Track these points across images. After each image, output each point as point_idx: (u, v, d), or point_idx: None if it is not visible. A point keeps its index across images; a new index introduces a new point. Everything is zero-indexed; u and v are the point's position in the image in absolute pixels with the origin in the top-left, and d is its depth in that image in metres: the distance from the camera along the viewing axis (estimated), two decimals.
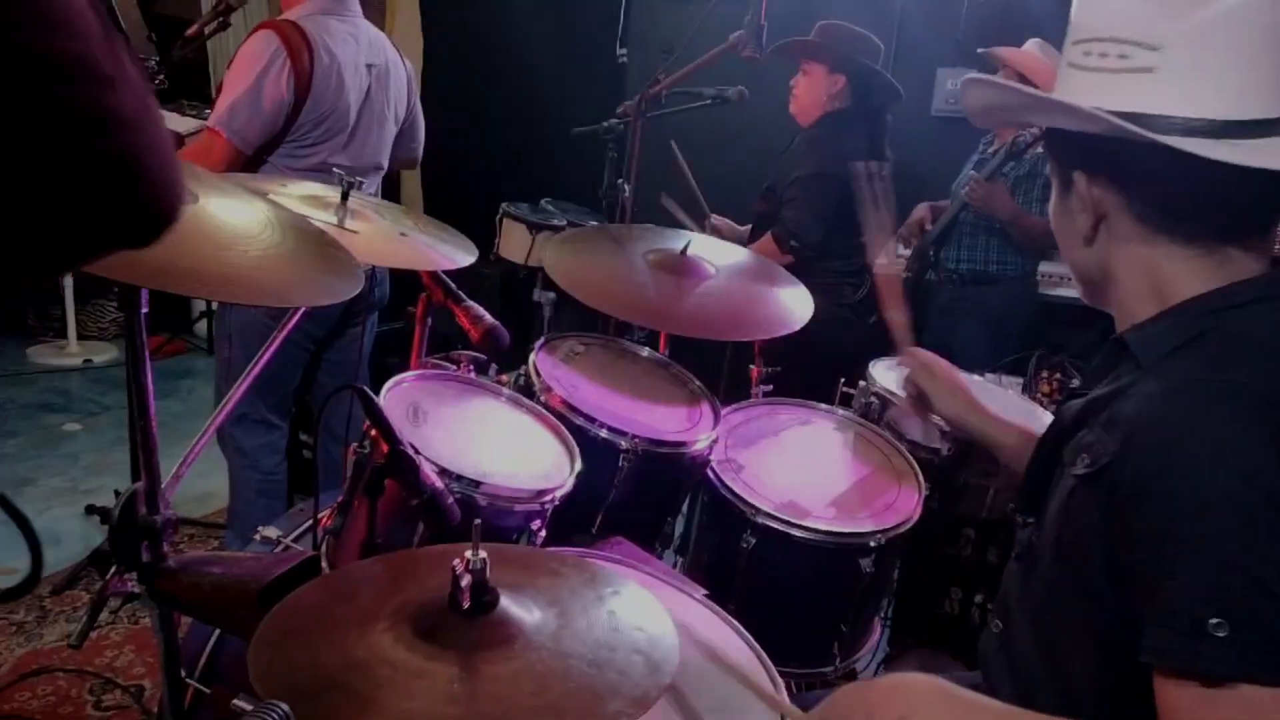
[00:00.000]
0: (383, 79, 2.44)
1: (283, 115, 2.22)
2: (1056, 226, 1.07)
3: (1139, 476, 0.86)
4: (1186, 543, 0.82)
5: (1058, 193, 1.05)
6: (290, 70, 2.18)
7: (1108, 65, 0.93)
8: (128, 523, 1.03)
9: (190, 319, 4.82)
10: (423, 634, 0.85)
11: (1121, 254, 1.00)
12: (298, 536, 1.56)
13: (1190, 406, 0.86)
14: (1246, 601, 0.78)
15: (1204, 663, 0.78)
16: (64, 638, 2.40)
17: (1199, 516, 0.81)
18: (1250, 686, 0.76)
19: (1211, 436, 0.83)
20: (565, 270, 1.75)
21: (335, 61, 2.27)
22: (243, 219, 1.16)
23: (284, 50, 2.18)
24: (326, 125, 2.30)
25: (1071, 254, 1.06)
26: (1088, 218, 1.00)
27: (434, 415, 1.45)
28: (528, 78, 4.35)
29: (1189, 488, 0.82)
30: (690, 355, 1.96)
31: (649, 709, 0.81)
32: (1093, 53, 0.95)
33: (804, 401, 1.93)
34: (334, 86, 2.28)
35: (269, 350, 1.42)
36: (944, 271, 2.98)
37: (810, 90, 2.85)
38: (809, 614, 1.66)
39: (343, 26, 2.33)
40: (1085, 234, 1.01)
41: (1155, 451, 0.86)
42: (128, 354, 1.03)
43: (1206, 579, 0.80)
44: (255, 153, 2.25)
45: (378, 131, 2.46)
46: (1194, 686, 0.78)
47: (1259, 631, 0.77)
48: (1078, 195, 1.00)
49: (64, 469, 3.30)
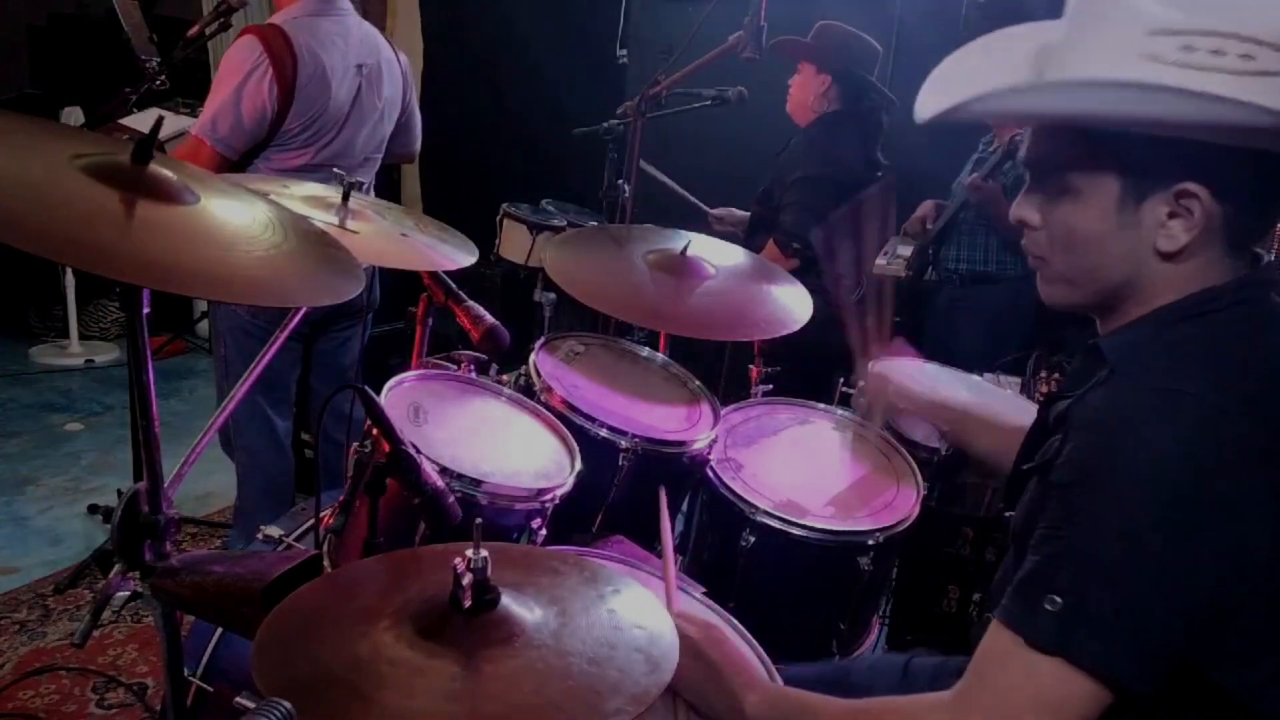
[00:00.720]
0: (374, 78, 2.42)
1: (266, 122, 2.22)
2: (1090, 238, 0.94)
3: (1069, 466, 0.89)
4: (1068, 527, 0.87)
5: (1113, 204, 0.92)
6: (272, 77, 2.18)
7: (1224, 65, 0.82)
8: (130, 522, 1.04)
9: (192, 319, 4.82)
10: (424, 632, 0.86)
11: (1186, 266, 0.92)
12: (300, 535, 1.57)
13: (1136, 409, 0.87)
14: (1086, 589, 0.84)
15: (1029, 629, 0.87)
16: (67, 636, 2.40)
17: (1091, 510, 0.86)
18: (1061, 662, 0.85)
19: (1142, 440, 0.85)
20: (565, 270, 1.76)
21: (320, 65, 2.25)
22: (244, 220, 1.17)
23: (266, 57, 2.17)
24: (315, 128, 2.30)
25: (1104, 269, 0.95)
26: (1189, 230, 0.89)
27: (435, 415, 1.46)
28: (528, 78, 4.35)
29: (1099, 483, 0.86)
30: (690, 355, 1.96)
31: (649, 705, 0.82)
32: (1198, 47, 0.83)
33: (803, 401, 1.93)
34: (320, 90, 2.27)
35: (271, 350, 1.43)
36: (943, 271, 2.98)
37: (801, 89, 2.87)
38: (808, 612, 1.67)
39: (331, 28, 2.32)
40: (1171, 249, 0.90)
41: (1088, 446, 0.88)
42: (129, 354, 1.03)
43: (1064, 559, 0.86)
44: (240, 159, 2.26)
45: (369, 130, 2.45)
46: (1018, 642, 0.87)
47: (1085, 618, 0.84)
48: (1172, 204, 0.89)
49: (66, 468, 3.31)
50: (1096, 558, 0.85)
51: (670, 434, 1.64)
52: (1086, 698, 0.85)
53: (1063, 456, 0.90)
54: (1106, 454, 0.86)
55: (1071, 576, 0.86)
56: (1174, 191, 0.89)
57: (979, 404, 1.43)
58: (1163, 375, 0.88)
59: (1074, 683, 0.85)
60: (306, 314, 2.36)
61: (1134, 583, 0.84)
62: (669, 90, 2.44)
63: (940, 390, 1.48)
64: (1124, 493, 0.84)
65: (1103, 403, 0.90)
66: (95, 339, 4.47)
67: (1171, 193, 0.89)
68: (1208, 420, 0.84)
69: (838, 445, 1.84)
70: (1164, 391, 0.87)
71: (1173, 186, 0.89)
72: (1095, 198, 0.93)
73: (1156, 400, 0.86)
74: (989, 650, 0.92)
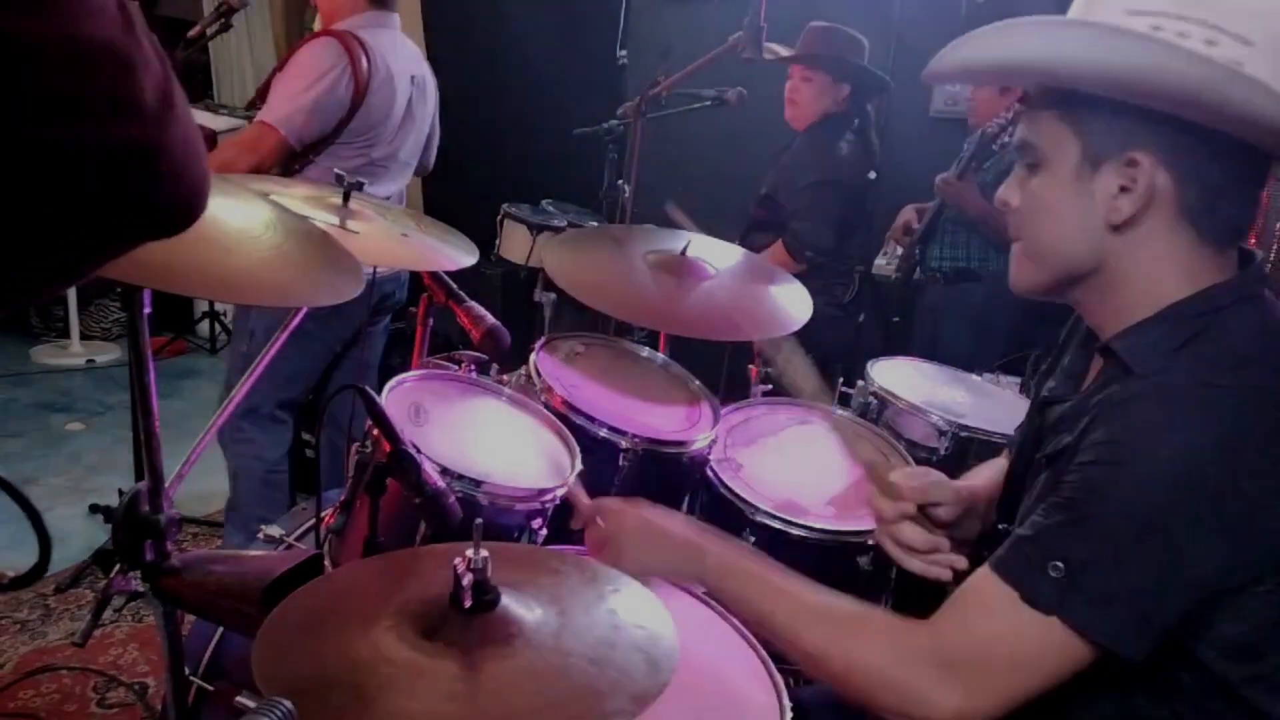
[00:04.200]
0: (423, 89, 2.55)
1: (336, 119, 2.32)
2: (1050, 206, 0.98)
3: (1096, 448, 0.90)
4: (1087, 502, 0.88)
5: (1072, 171, 0.95)
6: (351, 77, 2.29)
7: (1188, 46, 0.86)
8: (131, 521, 1.04)
9: (193, 319, 4.83)
10: (425, 632, 0.86)
11: (1142, 247, 0.94)
12: (300, 535, 1.57)
13: (1172, 402, 0.88)
14: (1096, 562, 0.86)
15: (1028, 587, 0.89)
16: (68, 636, 2.40)
17: (1115, 490, 0.87)
18: (1055, 621, 0.87)
19: (1176, 431, 0.86)
20: (566, 271, 1.76)
21: (389, 72, 2.37)
22: (245, 220, 1.17)
23: (346, 57, 2.28)
24: (376, 131, 2.40)
25: (1061, 240, 0.98)
26: (1134, 202, 0.92)
27: (435, 415, 1.46)
28: (528, 79, 4.35)
29: (1127, 467, 0.87)
30: (690, 355, 1.96)
31: (650, 706, 0.82)
32: (1165, 29, 0.87)
33: (803, 401, 1.93)
34: (386, 95, 2.38)
35: (274, 346, 1.44)
36: (929, 270, 2.98)
37: (817, 98, 2.87)
38: None
39: (391, 39, 2.43)
40: (1117, 221, 0.93)
41: (1121, 432, 0.89)
42: (130, 354, 1.03)
43: (1077, 529, 0.88)
44: (303, 150, 2.33)
45: (415, 138, 2.57)
46: (1013, 598, 0.89)
47: (1089, 587, 0.86)
48: (1123, 175, 0.92)
49: (67, 468, 3.31)
50: (1114, 534, 0.86)
51: (670, 434, 1.65)
52: (1069, 658, 0.88)
53: (1087, 441, 0.91)
54: (1140, 438, 0.87)
55: (1083, 547, 0.87)
56: (1123, 159, 0.92)
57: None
58: (1190, 372, 0.90)
59: (1062, 643, 0.87)
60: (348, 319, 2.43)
61: (1147, 564, 0.85)
62: (669, 91, 2.45)
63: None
64: (1154, 479, 0.85)
65: (1130, 398, 0.91)
66: (96, 339, 4.48)
67: (1121, 160, 0.92)
68: (1240, 411, 0.86)
69: (838, 445, 1.84)
70: (1195, 387, 0.88)
71: (1123, 155, 0.92)
72: (1059, 165, 0.96)
73: (1189, 395, 0.88)
74: (977, 597, 0.94)
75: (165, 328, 4.61)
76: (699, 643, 1.23)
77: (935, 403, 1.97)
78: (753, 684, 1.19)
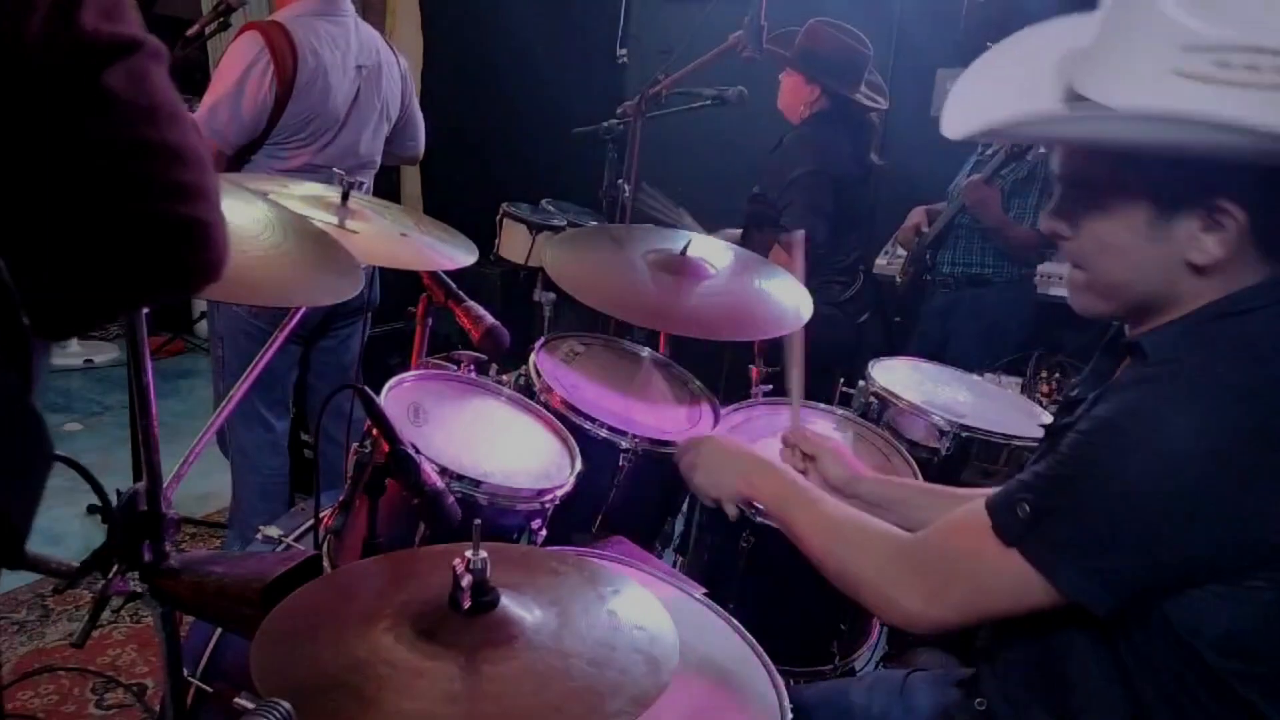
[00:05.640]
0: (374, 79, 2.43)
1: (264, 117, 2.23)
2: (1119, 248, 0.95)
3: (1092, 420, 0.93)
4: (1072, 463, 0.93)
5: (1144, 219, 0.92)
6: (273, 73, 2.20)
7: (1259, 80, 0.80)
8: (129, 522, 1.04)
9: (191, 319, 4.82)
10: (423, 633, 0.85)
11: (1215, 277, 0.93)
12: (299, 536, 1.57)
13: (1170, 389, 0.90)
14: (1057, 512, 0.93)
15: (999, 520, 0.97)
16: (66, 637, 2.40)
17: (1100, 462, 0.90)
18: (1015, 553, 0.94)
19: (1164, 419, 0.88)
20: (565, 270, 1.76)
21: (321, 64, 2.26)
22: (243, 219, 1.17)
23: (268, 52, 2.19)
24: (312, 127, 2.31)
25: (1135, 282, 0.96)
26: (1226, 248, 0.90)
27: (435, 415, 1.46)
28: (528, 78, 4.35)
29: (1117, 443, 0.90)
30: (690, 355, 1.96)
31: (650, 707, 0.82)
32: (1233, 64, 0.81)
33: (803, 401, 1.93)
34: (319, 89, 2.28)
35: (270, 350, 1.43)
36: (940, 274, 2.98)
37: (793, 93, 2.87)
38: (808, 613, 1.66)
39: (332, 29, 2.33)
40: (1202, 263, 0.91)
41: (1116, 411, 0.91)
42: (129, 354, 1.03)
43: (1055, 484, 0.94)
44: (238, 152, 2.27)
45: (369, 132, 2.46)
46: (988, 525, 0.98)
47: (1045, 528, 0.93)
48: (1204, 220, 0.90)
49: (65, 468, 3.29)
50: (1086, 500, 0.91)
51: (670, 434, 1.64)
52: (1024, 590, 0.94)
53: (1090, 413, 0.95)
54: (1131, 420, 0.90)
55: (1052, 497, 0.93)
56: (1207, 207, 0.90)
57: None
58: (1195, 364, 0.91)
59: (1017, 573, 0.94)
60: (305, 316, 2.39)
61: (1119, 532, 0.89)
62: (669, 90, 2.44)
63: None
64: (1138, 461, 0.88)
65: (1136, 381, 0.94)
66: (94, 339, 4.47)
67: (1204, 208, 0.90)
68: (1232, 405, 0.86)
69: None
70: (1194, 377, 0.90)
71: (1206, 202, 0.90)
72: (1125, 214, 0.94)
73: (1187, 384, 0.90)
74: (963, 519, 1.03)
75: (163, 327, 4.60)
76: (699, 643, 1.23)
77: (936, 403, 1.97)
78: (753, 684, 1.19)
